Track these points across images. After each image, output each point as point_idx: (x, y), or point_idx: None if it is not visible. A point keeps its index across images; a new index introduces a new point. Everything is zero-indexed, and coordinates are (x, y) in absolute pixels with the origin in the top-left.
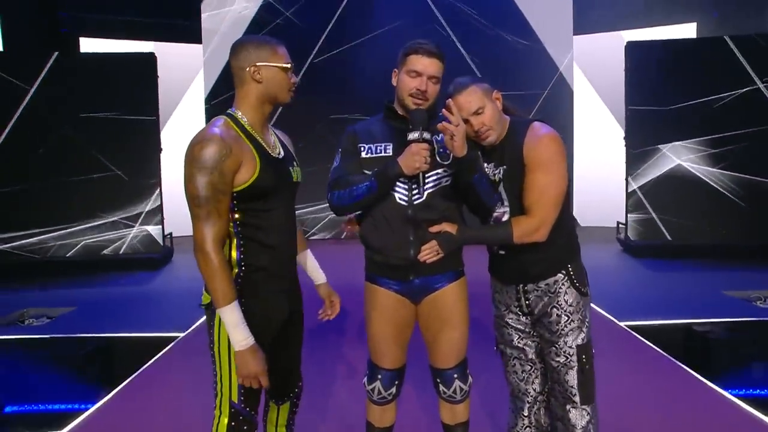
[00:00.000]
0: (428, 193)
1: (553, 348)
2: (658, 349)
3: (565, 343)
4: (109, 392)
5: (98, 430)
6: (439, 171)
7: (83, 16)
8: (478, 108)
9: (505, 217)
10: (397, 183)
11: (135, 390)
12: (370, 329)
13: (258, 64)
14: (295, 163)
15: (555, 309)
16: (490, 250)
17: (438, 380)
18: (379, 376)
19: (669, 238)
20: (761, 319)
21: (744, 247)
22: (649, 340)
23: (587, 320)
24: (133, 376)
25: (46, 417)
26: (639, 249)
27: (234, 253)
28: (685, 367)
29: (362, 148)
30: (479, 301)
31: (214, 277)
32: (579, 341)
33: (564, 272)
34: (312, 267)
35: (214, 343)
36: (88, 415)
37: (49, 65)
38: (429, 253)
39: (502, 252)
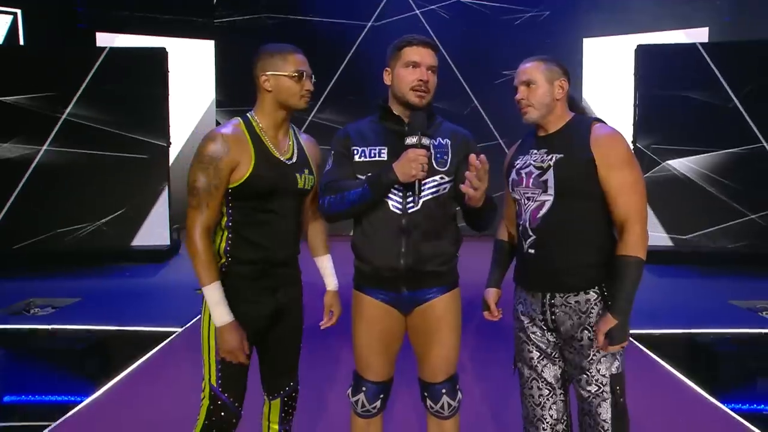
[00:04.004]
0: (423, 202)
1: (584, 376)
2: (658, 359)
3: (598, 371)
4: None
5: (94, 422)
6: (436, 178)
7: (100, 11)
8: (528, 79)
9: (547, 205)
10: (392, 190)
11: (133, 382)
12: (356, 340)
13: (268, 73)
14: (307, 171)
15: (586, 332)
16: (519, 251)
17: (426, 394)
18: (364, 389)
19: (673, 243)
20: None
21: (752, 254)
22: (649, 350)
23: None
24: (132, 368)
25: (46, 408)
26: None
27: (223, 244)
28: (686, 380)
29: (355, 151)
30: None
31: (197, 260)
32: (613, 370)
33: (597, 291)
34: (325, 273)
35: (202, 327)
36: (83, 407)
37: (65, 59)
38: (612, 351)
39: (532, 251)
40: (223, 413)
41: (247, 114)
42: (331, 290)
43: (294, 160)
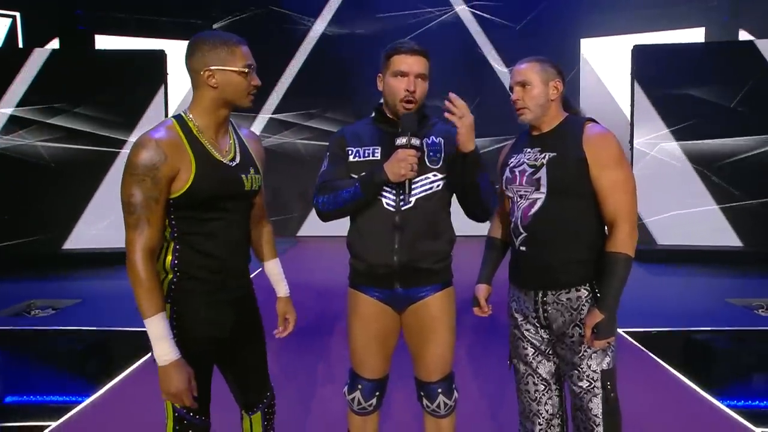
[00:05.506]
0: (417, 199)
1: (576, 372)
2: (653, 356)
3: (589, 366)
4: (107, 385)
5: (95, 422)
6: (429, 176)
7: (99, 13)
8: (523, 80)
9: (539, 203)
10: (384, 188)
11: (134, 383)
12: (352, 337)
13: (212, 68)
14: (252, 170)
15: (578, 328)
16: (512, 249)
17: (422, 393)
18: (360, 386)
19: (671, 242)
20: (762, 328)
21: (749, 253)
22: (645, 348)
23: (613, 343)
24: (132, 368)
25: (47, 408)
26: (640, 253)
27: (169, 258)
28: (682, 377)
29: (350, 152)
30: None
31: (138, 288)
32: (604, 366)
33: (588, 288)
34: (275, 279)
35: None
36: (84, 407)
37: (63, 61)
38: (598, 346)
39: (524, 248)
40: (191, 431)
41: (181, 113)
42: (282, 297)
43: (237, 160)
